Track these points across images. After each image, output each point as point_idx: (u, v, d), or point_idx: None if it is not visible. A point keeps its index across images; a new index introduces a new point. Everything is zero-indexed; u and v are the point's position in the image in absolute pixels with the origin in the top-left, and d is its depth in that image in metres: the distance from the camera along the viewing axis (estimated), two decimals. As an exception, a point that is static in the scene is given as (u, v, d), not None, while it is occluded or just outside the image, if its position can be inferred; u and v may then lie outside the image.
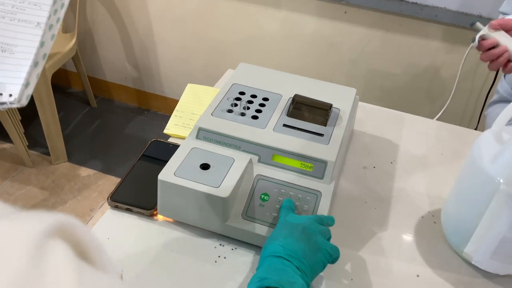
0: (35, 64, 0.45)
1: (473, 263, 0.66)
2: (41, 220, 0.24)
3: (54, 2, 0.46)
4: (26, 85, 0.44)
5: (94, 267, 0.25)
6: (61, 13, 0.47)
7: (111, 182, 1.88)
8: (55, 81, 2.14)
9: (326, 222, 0.63)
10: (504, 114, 0.60)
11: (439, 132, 0.95)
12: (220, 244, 0.68)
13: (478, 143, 0.63)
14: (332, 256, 0.58)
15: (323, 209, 0.66)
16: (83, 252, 0.25)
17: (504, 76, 1.11)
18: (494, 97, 1.16)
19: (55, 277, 0.21)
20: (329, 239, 0.60)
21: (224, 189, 0.64)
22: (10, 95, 0.43)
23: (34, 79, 0.45)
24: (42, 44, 0.45)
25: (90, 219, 1.72)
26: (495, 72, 1.52)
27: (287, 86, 0.83)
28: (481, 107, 1.61)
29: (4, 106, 0.43)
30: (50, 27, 0.46)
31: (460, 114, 1.70)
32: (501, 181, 0.57)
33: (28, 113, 2.08)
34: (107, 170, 1.93)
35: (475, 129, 1.59)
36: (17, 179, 1.85)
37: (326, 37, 1.69)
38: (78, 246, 0.25)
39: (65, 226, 0.25)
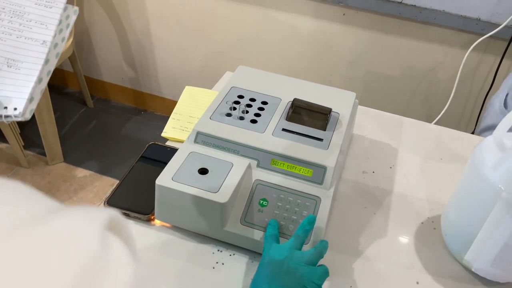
0: (40, 80, 0.46)
1: (473, 270, 0.65)
2: (97, 214, 0.26)
3: (60, 22, 0.47)
4: (30, 100, 0.45)
5: None
6: (66, 33, 0.49)
7: (107, 183, 1.86)
8: (51, 81, 2.11)
9: (307, 231, 0.60)
10: (506, 120, 0.60)
11: (438, 136, 0.95)
12: (218, 250, 0.67)
13: (479, 150, 0.63)
14: (321, 282, 0.55)
15: (322, 215, 0.65)
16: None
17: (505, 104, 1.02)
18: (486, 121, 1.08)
19: (120, 266, 0.24)
20: (319, 258, 0.58)
21: (223, 194, 0.63)
22: (15, 109, 0.45)
23: (38, 95, 0.46)
24: (46, 61, 0.47)
25: (86, 220, 1.71)
26: (493, 75, 1.52)
27: (286, 89, 0.82)
28: (479, 111, 1.61)
29: (9, 119, 0.45)
30: (55, 45, 0.47)
31: (458, 117, 1.70)
32: (503, 188, 0.57)
33: (24, 113, 2.06)
34: (103, 171, 1.92)
35: (472, 132, 1.59)
36: (12, 179, 1.84)
37: (325, 39, 1.69)
38: (124, 240, 0.27)
39: (115, 220, 0.26)
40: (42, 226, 0.23)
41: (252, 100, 0.79)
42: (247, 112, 0.76)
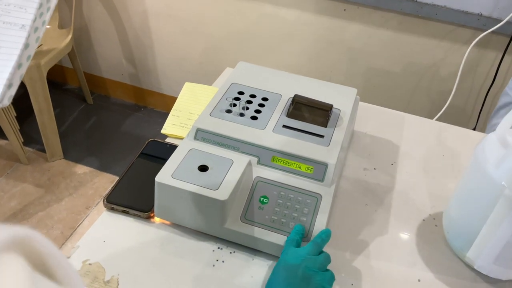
0: (19, 65, 0.45)
1: (475, 268, 0.65)
2: None
3: (40, 6, 0.46)
4: (9, 86, 0.44)
5: (53, 280, 0.25)
6: (47, 16, 0.47)
7: (107, 180, 1.86)
8: (50, 77, 2.11)
9: (324, 240, 0.61)
10: (509, 117, 0.59)
11: (439, 132, 0.94)
12: (218, 248, 0.67)
13: (482, 146, 0.62)
14: (331, 287, 0.57)
15: (323, 212, 0.65)
16: (43, 265, 0.26)
17: None
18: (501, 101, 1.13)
19: None
20: (329, 263, 0.60)
21: (223, 192, 0.63)
22: None
23: (17, 80, 0.45)
24: (26, 46, 0.45)
25: (86, 217, 1.70)
26: (495, 71, 1.51)
27: (286, 86, 0.82)
28: (480, 107, 1.60)
29: None
30: (35, 29, 0.46)
31: (459, 113, 1.69)
32: (506, 185, 0.56)
33: (23, 110, 2.05)
34: (103, 167, 1.91)
35: (474, 128, 1.59)
36: (12, 176, 1.83)
37: (325, 34, 1.68)
38: (36, 259, 0.25)
39: (22, 239, 0.25)
40: None
41: (253, 96, 0.79)
42: (247, 108, 0.75)
